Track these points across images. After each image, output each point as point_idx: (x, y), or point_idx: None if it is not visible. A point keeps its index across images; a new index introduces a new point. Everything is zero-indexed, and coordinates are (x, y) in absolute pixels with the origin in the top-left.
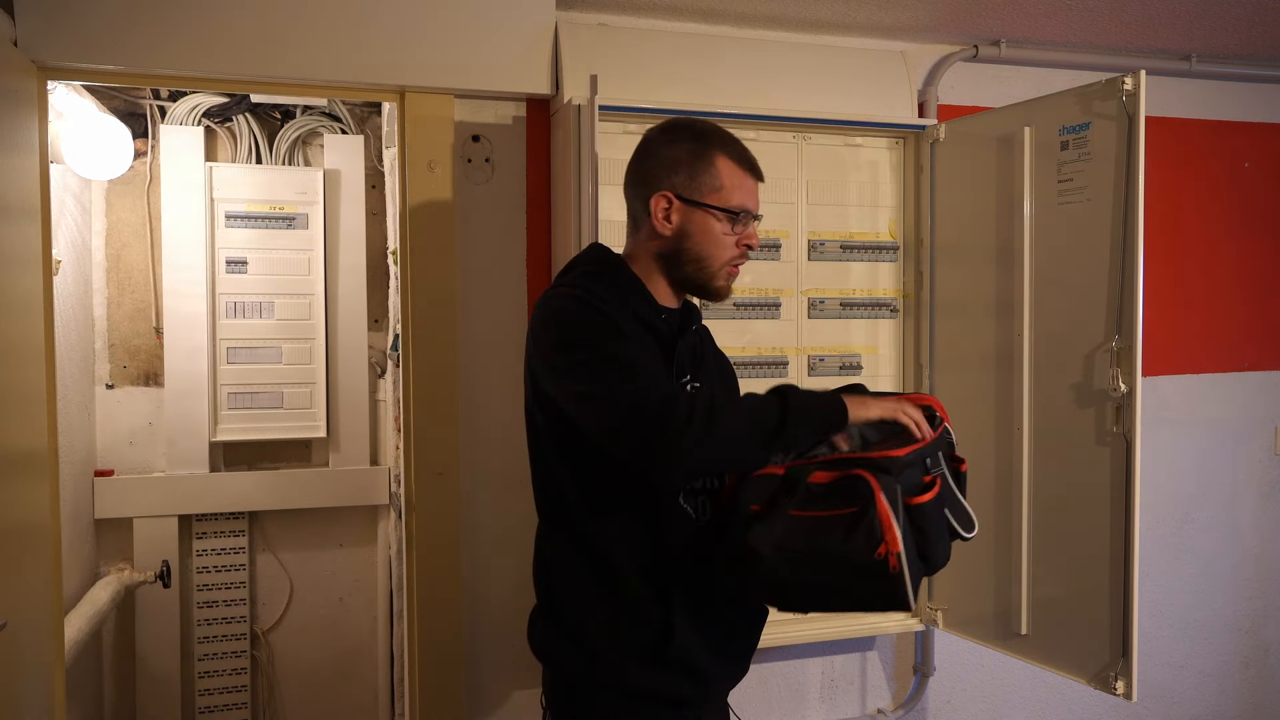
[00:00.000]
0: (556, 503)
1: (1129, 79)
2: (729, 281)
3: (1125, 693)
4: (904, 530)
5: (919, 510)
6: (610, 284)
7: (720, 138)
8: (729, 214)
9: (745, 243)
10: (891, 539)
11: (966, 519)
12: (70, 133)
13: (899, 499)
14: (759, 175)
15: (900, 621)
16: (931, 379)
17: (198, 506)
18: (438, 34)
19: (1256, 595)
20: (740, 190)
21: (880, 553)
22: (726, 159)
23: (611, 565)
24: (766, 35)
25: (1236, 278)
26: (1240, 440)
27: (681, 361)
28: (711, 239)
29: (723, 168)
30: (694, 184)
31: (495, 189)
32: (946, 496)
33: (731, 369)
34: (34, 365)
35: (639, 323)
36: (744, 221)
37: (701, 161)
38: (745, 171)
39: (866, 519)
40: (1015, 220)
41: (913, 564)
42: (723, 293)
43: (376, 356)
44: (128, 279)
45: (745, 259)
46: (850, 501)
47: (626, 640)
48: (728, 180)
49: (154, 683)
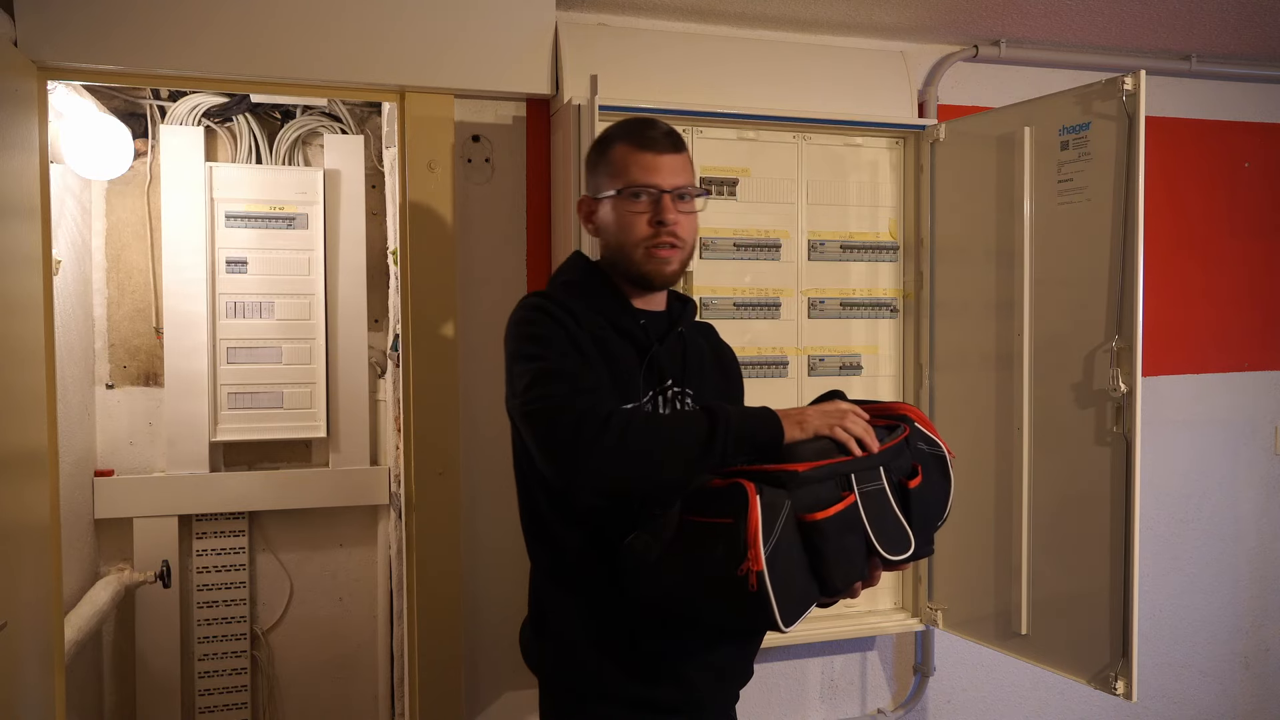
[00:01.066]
0: (531, 510)
1: (1129, 79)
2: (659, 265)
3: (1125, 693)
4: (788, 547)
5: (815, 528)
6: (585, 292)
7: (623, 130)
8: (626, 193)
9: (658, 219)
10: (754, 556)
11: (898, 540)
12: (70, 133)
13: (783, 515)
14: (661, 148)
15: (900, 621)
16: (931, 379)
17: (198, 506)
18: (438, 34)
19: (1256, 595)
20: (634, 167)
21: (741, 570)
22: (622, 144)
23: (586, 573)
24: (766, 35)
25: (1237, 278)
26: (1240, 440)
27: (662, 367)
28: (620, 224)
29: (618, 154)
30: (598, 180)
31: (495, 189)
32: (874, 514)
33: (737, 368)
34: (34, 365)
35: (614, 330)
36: (646, 195)
37: (603, 158)
38: (642, 150)
39: (734, 532)
40: (1015, 220)
41: (786, 583)
42: (655, 277)
43: (376, 356)
44: (128, 279)
45: (667, 237)
46: (728, 511)
47: (607, 648)
48: (621, 162)
49: (154, 683)
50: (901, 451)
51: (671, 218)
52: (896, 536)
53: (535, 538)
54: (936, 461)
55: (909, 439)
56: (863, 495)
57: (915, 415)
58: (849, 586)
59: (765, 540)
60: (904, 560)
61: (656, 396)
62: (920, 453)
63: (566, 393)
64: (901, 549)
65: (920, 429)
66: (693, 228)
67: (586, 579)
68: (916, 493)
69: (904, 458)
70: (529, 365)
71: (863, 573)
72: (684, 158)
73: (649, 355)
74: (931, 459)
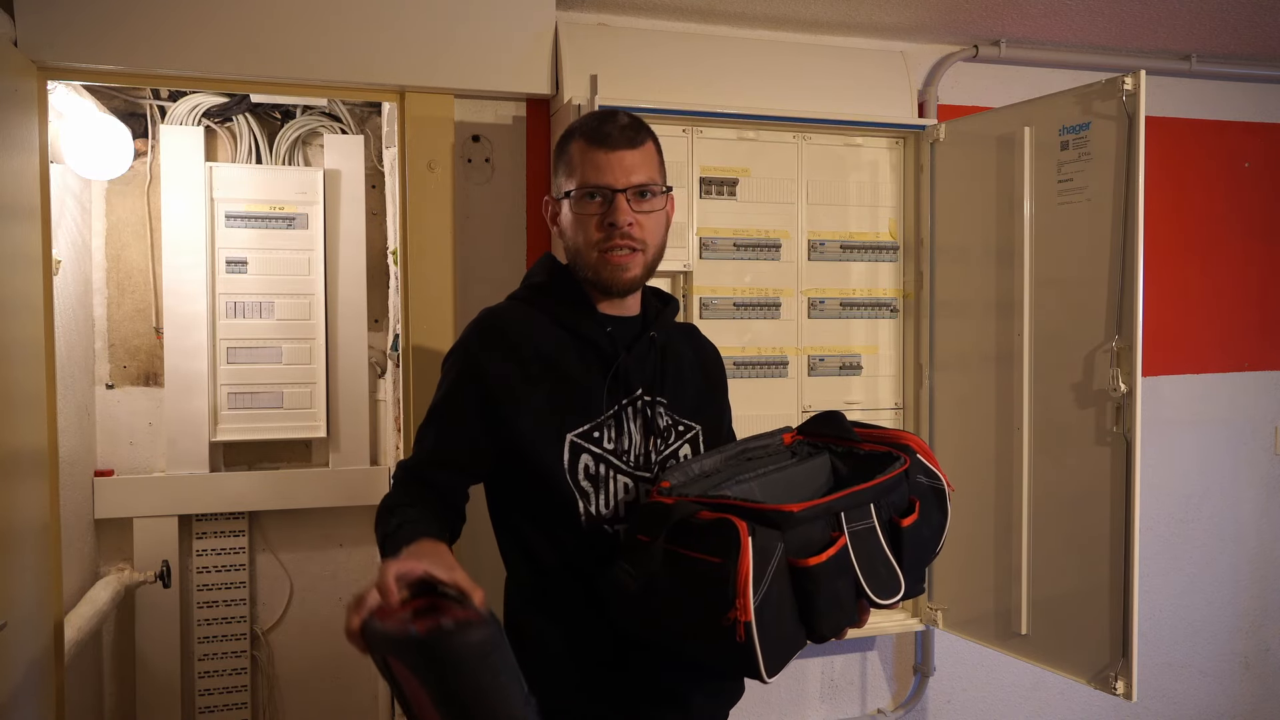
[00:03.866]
0: (505, 525)
1: (1129, 79)
2: (614, 271)
3: (1125, 693)
4: (777, 594)
5: (807, 574)
6: (552, 296)
7: (581, 124)
8: (579, 194)
9: (610, 220)
10: (742, 606)
11: (888, 582)
12: (70, 133)
13: (775, 559)
14: (613, 144)
15: (900, 621)
16: (931, 379)
17: (198, 506)
18: (438, 34)
19: (1256, 595)
20: (587, 165)
21: (729, 618)
22: (578, 140)
23: (560, 584)
24: (766, 35)
25: (1237, 278)
26: (1240, 440)
27: (629, 378)
28: (575, 226)
29: (574, 150)
30: (558, 180)
31: (495, 189)
32: (864, 555)
33: (722, 371)
34: (34, 365)
35: (577, 339)
36: (599, 197)
37: (562, 155)
38: (596, 146)
39: (724, 574)
40: (1015, 220)
41: (774, 633)
42: (612, 283)
43: (376, 356)
44: (128, 279)
45: (621, 240)
46: (718, 550)
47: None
48: (577, 159)
49: (154, 683)
50: (898, 485)
51: (625, 219)
52: (886, 578)
53: (512, 546)
54: (935, 495)
55: (908, 472)
56: (852, 535)
57: (917, 445)
58: (837, 633)
59: (756, 588)
60: (894, 603)
61: (626, 408)
62: (919, 486)
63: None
64: (891, 593)
65: (921, 460)
66: (656, 227)
67: (561, 590)
68: (910, 531)
69: (899, 492)
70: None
71: (852, 618)
72: (643, 151)
73: (615, 366)
74: (930, 492)
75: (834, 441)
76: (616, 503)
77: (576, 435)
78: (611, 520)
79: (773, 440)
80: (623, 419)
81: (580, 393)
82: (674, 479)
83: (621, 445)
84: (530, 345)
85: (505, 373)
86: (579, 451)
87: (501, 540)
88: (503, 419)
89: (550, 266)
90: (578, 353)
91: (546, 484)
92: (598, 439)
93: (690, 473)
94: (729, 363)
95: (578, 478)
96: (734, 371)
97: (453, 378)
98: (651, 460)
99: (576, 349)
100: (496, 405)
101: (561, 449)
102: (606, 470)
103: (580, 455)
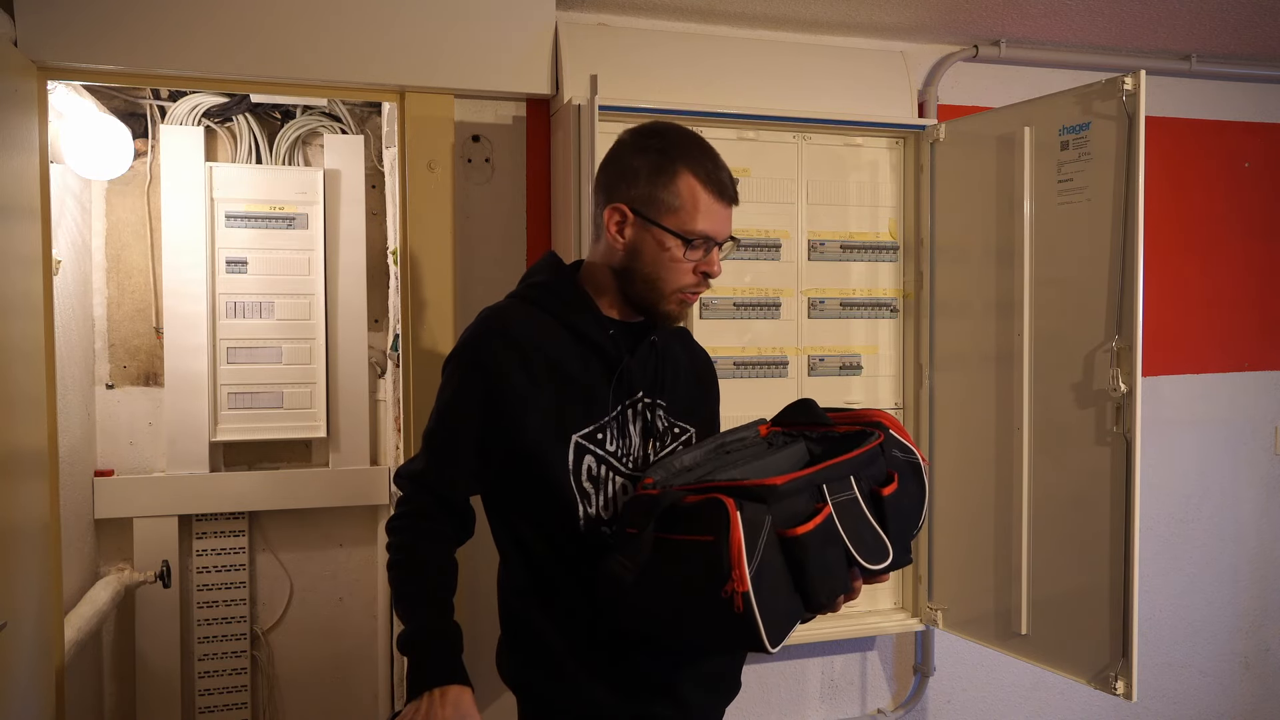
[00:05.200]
0: (502, 521)
1: (1129, 79)
2: (681, 308)
3: (1125, 693)
4: (770, 565)
5: (796, 543)
6: (555, 298)
7: (691, 152)
8: (684, 240)
9: (704, 269)
10: (739, 576)
11: (877, 549)
12: (70, 133)
13: (765, 531)
14: (730, 198)
15: (900, 621)
16: (931, 379)
17: (198, 506)
18: (438, 34)
19: (1256, 595)
20: (703, 215)
21: (726, 590)
22: (692, 177)
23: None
24: (766, 35)
25: (1237, 278)
26: (1240, 440)
27: (632, 380)
28: (663, 262)
29: (685, 187)
30: (652, 200)
31: (495, 189)
32: (850, 525)
33: (713, 375)
34: (34, 365)
35: (580, 343)
36: (704, 248)
37: (663, 176)
38: (713, 194)
39: (717, 551)
40: (1015, 220)
41: (771, 602)
42: (671, 317)
43: (376, 356)
44: (128, 279)
45: (704, 287)
46: (708, 528)
47: (585, 659)
48: (689, 201)
49: (154, 683)
50: (875, 459)
51: (719, 270)
52: (875, 546)
53: (510, 546)
54: (912, 469)
55: (883, 445)
56: (836, 506)
57: (889, 422)
58: (832, 601)
59: (749, 559)
60: (883, 570)
61: (626, 410)
62: (895, 460)
63: (419, 470)
64: (880, 558)
65: (895, 436)
66: None
67: (564, 592)
68: (891, 500)
69: (877, 465)
70: (429, 425)
71: (845, 585)
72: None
73: (619, 369)
74: (907, 466)
75: (809, 428)
76: (614, 504)
77: (581, 436)
78: (609, 522)
79: (749, 433)
80: (625, 421)
81: (585, 394)
82: (658, 475)
83: (622, 447)
84: (534, 346)
85: (511, 373)
86: (583, 452)
87: (496, 530)
88: (510, 419)
89: (554, 266)
90: (581, 354)
91: (549, 484)
92: (601, 440)
93: (672, 468)
94: (729, 363)
95: (580, 479)
96: (734, 372)
97: (458, 380)
98: (649, 462)
99: (579, 350)
100: (503, 406)
101: (566, 449)
102: (607, 471)
103: (584, 456)
